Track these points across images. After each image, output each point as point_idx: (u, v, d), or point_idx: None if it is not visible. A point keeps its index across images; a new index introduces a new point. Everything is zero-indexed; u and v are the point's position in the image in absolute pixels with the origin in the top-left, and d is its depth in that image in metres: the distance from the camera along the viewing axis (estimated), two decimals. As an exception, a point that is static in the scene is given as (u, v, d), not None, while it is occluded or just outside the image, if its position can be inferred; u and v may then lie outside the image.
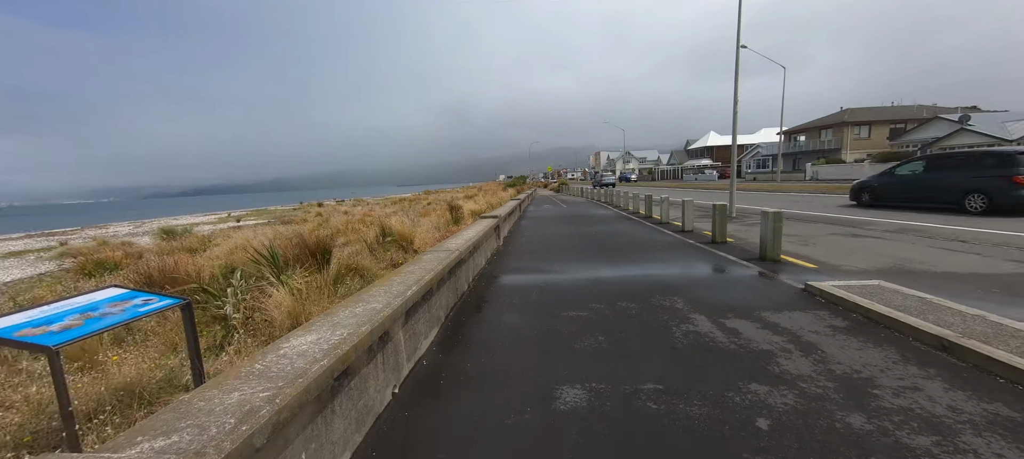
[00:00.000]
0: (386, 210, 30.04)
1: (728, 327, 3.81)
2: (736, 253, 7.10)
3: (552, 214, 17.06)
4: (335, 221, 21.62)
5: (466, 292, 5.47)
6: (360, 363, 2.36)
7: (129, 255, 11.44)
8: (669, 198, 12.32)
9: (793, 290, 4.90)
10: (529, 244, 9.25)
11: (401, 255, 7.62)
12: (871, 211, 11.93)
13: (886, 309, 3.78)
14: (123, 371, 3.46)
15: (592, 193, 28.23)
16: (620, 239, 9.33)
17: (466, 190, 49.37)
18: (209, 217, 37.56)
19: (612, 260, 7.02)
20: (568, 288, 5.42)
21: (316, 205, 43.95)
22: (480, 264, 6.93)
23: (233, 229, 22.28)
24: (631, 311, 4.38)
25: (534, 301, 4.96)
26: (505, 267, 6.96)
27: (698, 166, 67.74)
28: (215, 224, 31.04)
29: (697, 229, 10.19)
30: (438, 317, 4.16)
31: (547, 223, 13.52)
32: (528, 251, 8.35)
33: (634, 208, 16.15)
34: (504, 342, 3.75)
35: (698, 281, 5.48)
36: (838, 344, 3.35)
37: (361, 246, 8.60)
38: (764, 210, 6.39)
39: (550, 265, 6.88)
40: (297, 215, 30.94)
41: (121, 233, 27.07)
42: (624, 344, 3.56)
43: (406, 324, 3.19)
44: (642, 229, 10.91)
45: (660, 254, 7.37)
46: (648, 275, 5.85)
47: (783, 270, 5.83)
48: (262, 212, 40.56)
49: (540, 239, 9.91)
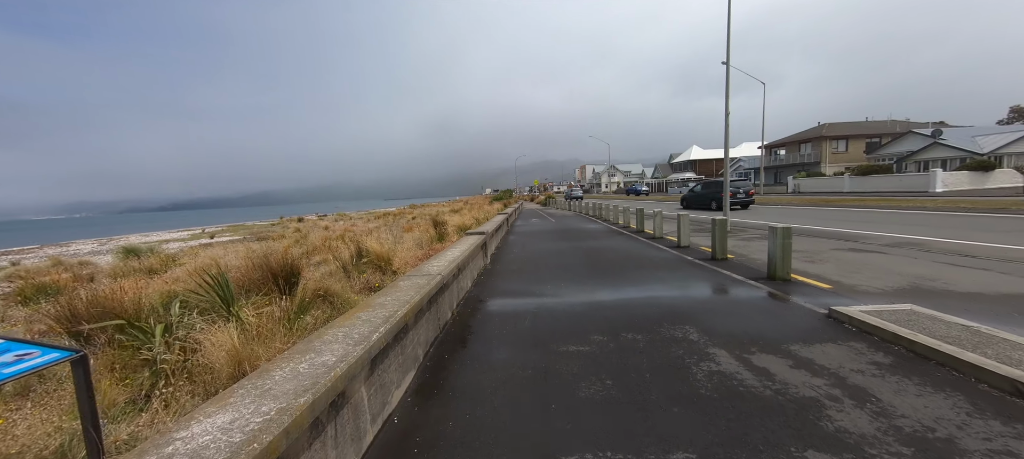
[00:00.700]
0: (368, 225, 29.14)
1: (756, 366, 3.26)
2: (741, 271, 6.63)
3: (541, 229, 16.53)
4: (313, 237, 20.72)
5: (450, 321, 4.82)
6: (297, 449, 1.70)
7: (78, 278, 10.42)
8: (662, 211, 11.90)
9: (816, 316, 4.40)
10: (519, 262, 8.65)
11: (378, 277, 6.93)
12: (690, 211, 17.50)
13: (933, 341, 3.29)
14: (6, 442, 2.71)
15: (580, 207, 27.90)
16: (614, 256, 8.81)
17: (452, 204, 48.69)
18: (182, 233, 35.91)
19: (609, 280, 6.47)
20: (564, 315, 4.83)
21: (296, 220, 42.63)
22: (466, 286, 6.29)
23: (204, 246, 21.09)
24: (639, 345, 3.80)
25: (527, 331, 4.34)
26: (493, 289, 6.33)
27: (682, 179, 68.52)
28: (187, 241, 29.55)
29: (694, 244, 9.75)
30: (415, 356, 3.50)
31: (536, 239, 12.96)
32: (518, 270, 7.75)
33: (624, 222, 15.75)
34: (494, 388, 3.12)
35: (708, 306, 4.94)
36: (892, 388, 2.82)
37: (336, 266, 7.88)
38: (772, 225, 5.94)
39: (542, 287, 6.28)
40: (275, 231, 29.74)
41: (83, 251, 25.45)
42: (638, 390, 2.96)
43: (371, 376, 2.54)
44: (636, 244, 10.43)
45: (660, 273, 6.85)
46: (652, 299, 5.30)
47: (797, 291, 5.36)
48: (239, 228, 39.01)
49: (530, 257, 9.33)
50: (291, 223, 36.04)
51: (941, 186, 27.19)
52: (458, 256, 5.73)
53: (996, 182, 27.83)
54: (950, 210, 14.93)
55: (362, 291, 6.47)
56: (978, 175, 27.90)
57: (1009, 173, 28.28)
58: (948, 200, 18.99)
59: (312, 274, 8.46)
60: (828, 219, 14.15)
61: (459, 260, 5.57)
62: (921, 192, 27.09)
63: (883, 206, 18.17)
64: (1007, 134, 31.59)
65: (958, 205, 16.29)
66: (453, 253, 6.01)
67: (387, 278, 6.88)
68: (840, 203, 21.66)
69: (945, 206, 16.07)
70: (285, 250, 13.62)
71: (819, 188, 36.98)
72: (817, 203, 23.10)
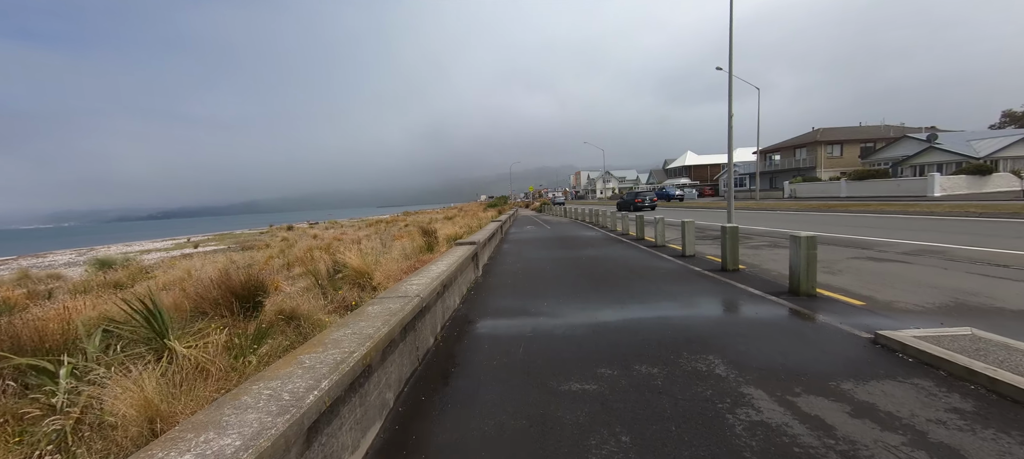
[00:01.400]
0: (359, 233, 28.36)
1: (807, 413, 2.61)
2: (758, 285, 6.01)
3: (536, 236, 15.89)
4: (301, 246, 19.95)
5: (431, 350, 4.14)
6: None
7: (33, 295, 9.60)
8: (664, 218, 11.31)
9: (859, 342, 3.77)
10: (512, 274, 7.98)
11: (356, 293, 6.23)
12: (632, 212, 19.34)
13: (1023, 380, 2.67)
14: None
15: (576, 213, 27.34)
16: (615, 267, 8.18)
17: (446, 211, 48.01)
18: (166, 243, 34.86)
19: (613, 295, 5.82)
20: (564, 340, 4.16)
21: (285, 228, 41.71)
22: (453, 304, 5.61)
23: (185, 257, 20.20)
24: (656, 381, 3.15)
25: (521, 362, 3.67)
26: (484, 307, 5.66)
27: (678, 184, 68.37)
28: (169, 251, 28.58)
29: (699, 253, 9.14)
30: (382, 402, 2.82)
31: (531, 247, 12.32)
32: (511, 284, 7.08)
33: (623, 229, 15.16)
34: (479, 447, 2.44)
35: (731, 328, 4.30)
36: (995, 452, 2.19)
37: (312, 282, 7.17)
38: (795, 234, 5.33)
39: (538, 303, 5.62)
40: (262, 239, 28.87)
41: (58, 263, 24.42)
42: (663, 451, 2.31)
43: (308, 450, 1.86)
44: (637, 253, 9.81)
45: (668, 287, 6.22)
46: (664, 319, 4.66)
47: (826, 308, 4.74)
48: (225, 237, 38.01)
49: (525, 268, 8.67)
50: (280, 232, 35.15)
51: (939, 190, 26.94)
52: (443, 271, 5.06)
53: (994, 186, 27.64)
54: (958, 215, 14.50)
55: (337, 310, 5.78)
56: (976, 179, 27.70)
57: (1006, 177, 28.12)
58: (954, 204, 18.56)
59: (289, 289, 7.75)
60: (833, 225, 13.64)
61: (445, 276, 4.89)
62: (919, 196, 26.81)
63: (886, 211, 17.74)
64: (1002, 138, 31.53)
65: (966, 210, 15.88)
66: (438, 268, 5.34)
67: (366, 295, 6.19)
68: (840, 208, 21.25)
69: (953, 211, 15.64)
70: (266, 261, 12.84)
71: (815, 193, 36.73)
72: (816, 208, 22.70)
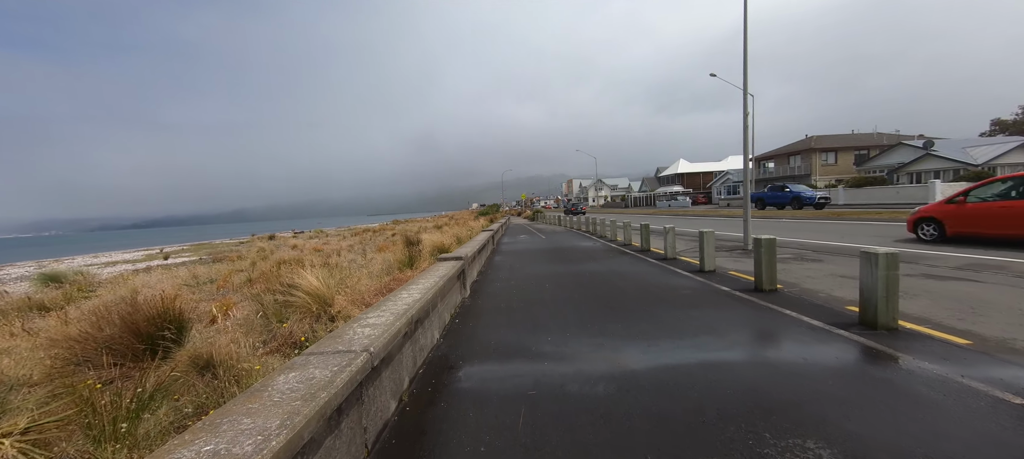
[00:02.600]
0: (343, 243, 26.90)
1: None
2: (810, 311, 4.85)
3: (530, 247, 14.67)
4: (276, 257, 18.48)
5: (392, 421, 2.88)
6: None
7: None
8: (675, 228, 10.18)
9: (1007, 408, 2.60)
10: (507, 295, 6.74)
11: (309, 325, 4.94)
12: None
13: None
14: None
15: (570, 222, 26.22)
16: (627, 285, 6.98)
17: (436, 220, 46.61)
18: (137, 254, 32.94)
19: (635, 326, 4.61)
20: (581, 403, 2.94)
21: (267, 238, 39.93)
22: (430, 340, 4.35)
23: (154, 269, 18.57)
24: (744, 497, 1.93)
25: (523, 445, 2.44)
26: (471, 344, 4.41)
27: (670, 192, 67.89)
28: (139, 261, 26.76)
29: (721, 269, 8.00)
30: None
31: (526, 260, 11.09)
32: (506, 308, 5.84)
33: (625, 239, 14.00)
34: None
35: (811, 383, 3.10)
36: None
37: (255, 309, 5.85)
38: (868, 251, 4.18)
39: (540, 338, 4.39)
40: (239, 250, 27.24)
41: (12, 276, 22.53)
42: None
43: None
44: (647, 268, 8.64)
45: (701, 314, 5.02)
46: (712, 367, 3.45)
47: (924, 350, 3.58)
48: (202, 247, 36.12)
49: (521, 286, 7.43)
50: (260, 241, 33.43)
51: (940, 198, 26.39)
52: (416, 301, 3.81)
53: (994, 193, 27.21)
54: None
55: (280, 349, 4.49)
56: (976, 186, 27.24)
57: (1006, 184, 27.73)
58: None
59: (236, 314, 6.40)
60: (848, 234, 12.66)
61: (417, 308, 3.65)
62: (921, 204, 26.24)
63: (895, 219, 16.89)
64: (999, 145, 31.28)
65: None
66: (410, 295, 4.09)
67: (320, 328, 4.90)
68: (844, 216, 20.43)
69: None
70: (226, 277, 11.40)
71: (812, 200, 36.13)
72: (820, 216, 21.88)
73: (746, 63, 10.18)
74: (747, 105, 10.12)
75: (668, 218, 29.04)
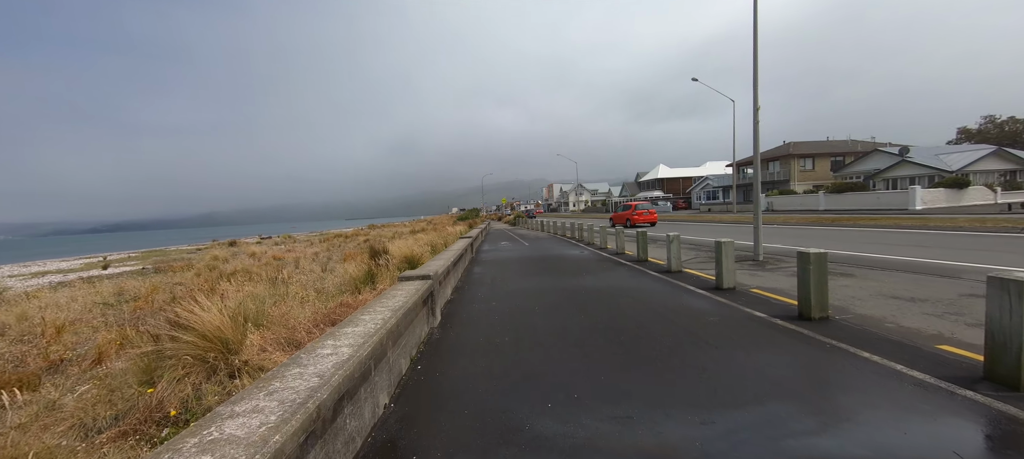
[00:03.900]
0: (310, 249, 24.82)
1: None
2: (904, 357, 3.60)
3: (513, 256, 13.27)
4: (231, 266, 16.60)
5: None
6: None
7: None
8: (680, 236, 8.97)
9: None
10: (486, 323, 5.30)
11: (191, 385, 3.38)
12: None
13: None
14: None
15: (554, 227, 24.99)
16: (637, 309, 5.65)
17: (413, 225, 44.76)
18: (76, 262, 29.80)
19: (670, 382, 3.26)
20: None
21: (227, 244, 37.17)
22: (370, 415, 2.88)
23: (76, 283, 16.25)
24: None
25: None
26: (435, 415, 2.95)
27: (651, 197, 67.85)
28: (75, 271, 23.97)
29: (741, 285, 6.78)
30: None
31: (510, 273, 9.68)
32: (485, 347, 4.40)
33: (618, 247, 12.76)
34: None
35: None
36: None
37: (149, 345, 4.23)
38: (996, 276, 2.97)
39: (536, 405, 2.97)
40: (191, 258, 24.81)
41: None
42: None
43: None
44: (652, 284, 7.36)
45: (751, 360, 3.71)
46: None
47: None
48: (152, 254, 33.11)
49: (504, 310, 6.00)
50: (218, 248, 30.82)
51: (920, 204, 26.48)
52: (348, 360, 2.35)
53: (970, 199, 27.53)
54: (959, 229, 13.08)
55: (139, 427, 2.94)
56: (953, 192, 27.52)
57: (981, 190, 28.14)
58: (944, 219, 17.37)
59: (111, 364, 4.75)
60: (849, 241, 11.82)
61: (342, 378, 2.19)
62: (901, 210, 26.23)
63: (881, 225, 16.34)
64: (972, 152, 31.90)
65: (957, 224, 14.61)
66: (339, 353, 2.61)
67: (211, 389, 3.35)
68: (830, 222, 19.90)
69: (971, 225, 14.26)
70: (147, 296, 9.51)
71: (794, 206, 36.15)
72: (808, 222, 21.35)
73: (756, 54, 9.13)
74: (757, 98, 9.06)
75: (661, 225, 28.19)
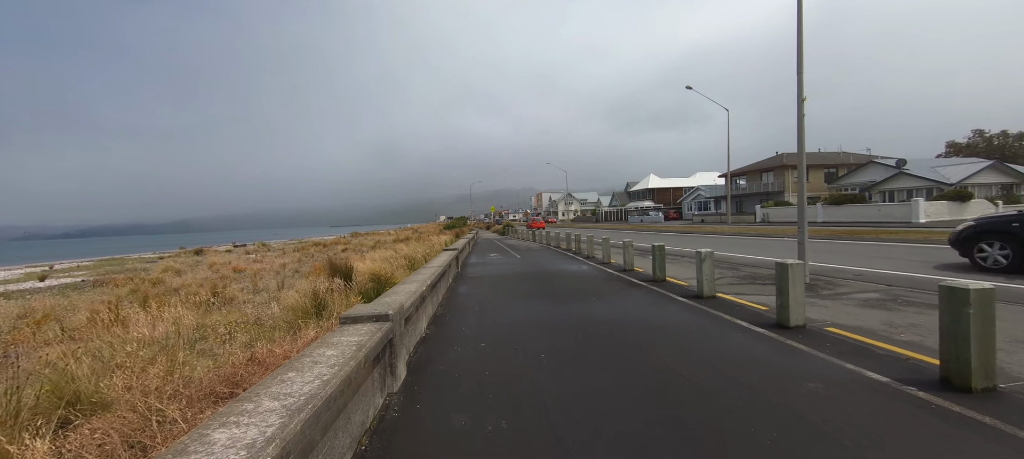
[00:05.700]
0: (278, 260, 22.57)
1: None
2: None
3: (503, 272, 11.51)
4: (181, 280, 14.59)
5: None
6: None
7: None
8: (713, 252, 7.30)
9: None
10: (471, 386, 3.52)
11: None
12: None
13: None
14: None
15: (547, 238, 23.32)
16: (685, 363, 3.94)
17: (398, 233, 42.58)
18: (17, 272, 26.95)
19: None
20: None
21: (193, 253, 34.58)
22: None
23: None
24: None
25: None
26: None
27: (642, 207, 66.91)
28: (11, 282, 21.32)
29: (813, 324, 5.14)
30: None
31: (502, 295, 7.92)
32: (468, 436, 2.63)
33: (625, 262, 11.09)
34: None
35: None
36: None
37: None
38: None
39: None
40: (149, 268, 22.39)
41: None
42: None
43: None
44: (685, 315, 5.69)
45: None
46: None
47: None
48: (107, 263, 30.30)
49: (496, 358, 4.23)
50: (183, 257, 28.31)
51: (924, 216, 25.65)
52: None
53: (973, 212, 26.85)
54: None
55: None
56: (956, 205, 26.83)
57: (982, 203, 27.54)
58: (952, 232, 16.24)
59: None
60: (866, 258, 10.41)
61: None
62: (905, 222, 25.35)
63: (909, 239, 15.09)
64: (970, 165, 31.47)
65: None
66: None
67: None
68: (838, 235, 18.63)
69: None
70: (39, 323, 7.70)
71: (789, 217, 35.26)
72: (810, 235, 20.09)
73: (801, 43, 7.67)
74: (801, 91, 7.58)
75: (651, 234, 26.79)
